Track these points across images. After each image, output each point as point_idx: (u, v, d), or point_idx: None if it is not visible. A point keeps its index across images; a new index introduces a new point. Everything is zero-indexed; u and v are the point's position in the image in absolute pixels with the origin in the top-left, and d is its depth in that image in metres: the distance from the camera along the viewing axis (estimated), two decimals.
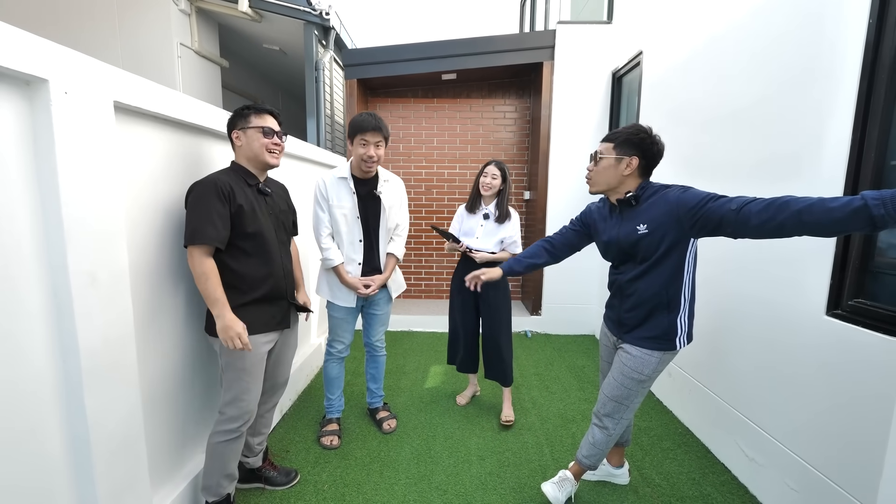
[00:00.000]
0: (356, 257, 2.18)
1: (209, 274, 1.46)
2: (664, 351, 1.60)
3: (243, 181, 1.59)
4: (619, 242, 1.62)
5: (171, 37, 3.93)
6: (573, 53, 3.84)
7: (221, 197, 1.47)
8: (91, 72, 1.17)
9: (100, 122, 1.20)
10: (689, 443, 2.34)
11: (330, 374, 2.35)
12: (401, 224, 2.31)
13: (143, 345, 1.44)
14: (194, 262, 1.45)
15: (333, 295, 2.22)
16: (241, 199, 1.53)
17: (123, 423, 1.32)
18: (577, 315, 4.10)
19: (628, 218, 1.59)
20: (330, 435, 2.28)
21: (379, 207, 2.19)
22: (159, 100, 1.44)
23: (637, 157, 1.55)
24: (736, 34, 2.17)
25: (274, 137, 1.61)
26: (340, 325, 2.27)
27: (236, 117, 1.60)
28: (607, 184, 1.62)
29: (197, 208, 1.45)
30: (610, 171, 1.59)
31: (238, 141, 1.60)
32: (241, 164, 1.63)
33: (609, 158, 1.59)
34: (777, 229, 1.18)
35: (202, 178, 1.51)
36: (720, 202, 1.33)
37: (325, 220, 2.14)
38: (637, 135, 1.55)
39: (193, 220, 1.44)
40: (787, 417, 1.77)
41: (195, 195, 1.47)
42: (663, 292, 1.55)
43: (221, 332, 1.47)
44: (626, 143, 1.56)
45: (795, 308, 1.73)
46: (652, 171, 1.60)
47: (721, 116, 2.26)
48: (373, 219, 2.19)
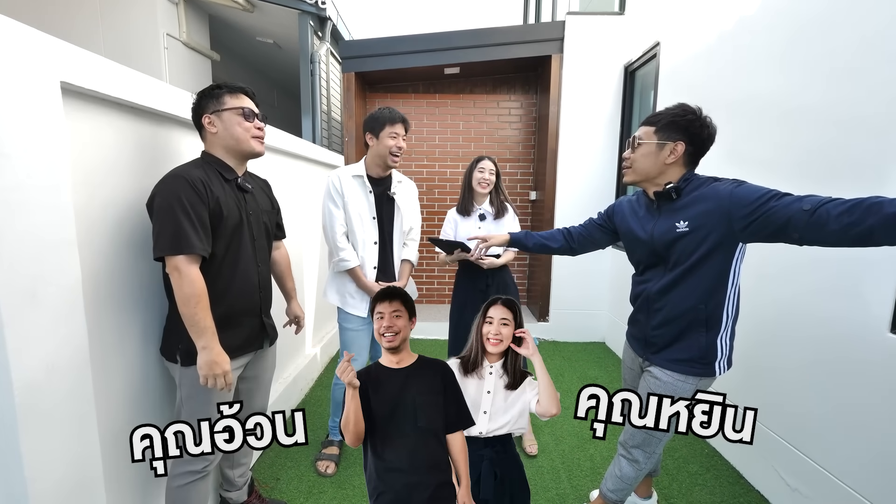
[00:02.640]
0: (371, 261, 1.99)
1: (201, 296, 1.20)
2: (700, 377, 1.38)
3: (219, 176, 1.33)
4: (653, 241, 1.39)
5: (158, 27, 3.71)
6: (583, 46, 3.63)
7: (198, 195, 1.22)
8: (31, 46, 0.96)
9: (42, 107, 0.99)
10: (717, 466, 2.14)
11: (338, 398, 2.12)
12: (414, 228, 2.15)
13: (101, 373, 1.22)
14: (182, 279, 1.18)
15: (345, 302, 2.01)
16: (217, 197, 1.28)
17: (76, 466, 1.11)
18: (587, 321, 3.90)
19: (666, 213, 1.37)
20: (326, 459, 2.06)
21: (394, 209, 2.03)
22: (119, 82, 1.23)
23: (683, 142, 1.32)
24: (769, 17, 1.96)
25: (255, 120, 1.37)
26: (356, 340, 2.04)
27: (206, 99, 1.32)
28: (646, 173, 1.39)
29: (171, 211, 1.18)
30: (650, 158, 1.36)
31: (211, 127, 1.33)
32: (217, 154, 1.36)
33: (649, 144, 1.36)
34: (864, 236, 0.97)
35: (168, 175, 1.25)
36: (786, 201, 1.12)
37: (340, 218, 1.95)
38: (684, 116, 1.32)
39: (168, 224, 1.18)
40: (842, 447, 1.57)
41: (165, 195, 1.21)
42: (701, 306, 1.33)
43: (205, 368, 1.23)
44: (670, 127, 1.33)
45: (853, 323, 1.53)
46: (699, 159, 1.38)
47: (753, 109, 2.06)
48: (388, 220, 2.03)
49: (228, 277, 1.35)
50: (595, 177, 3.75)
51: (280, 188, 2.47)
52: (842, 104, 1.59)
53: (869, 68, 1.49)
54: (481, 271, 2.12)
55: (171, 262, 1.19)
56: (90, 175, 1.18)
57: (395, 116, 1.95)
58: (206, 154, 1.37)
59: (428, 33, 3.81)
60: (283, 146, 2.45)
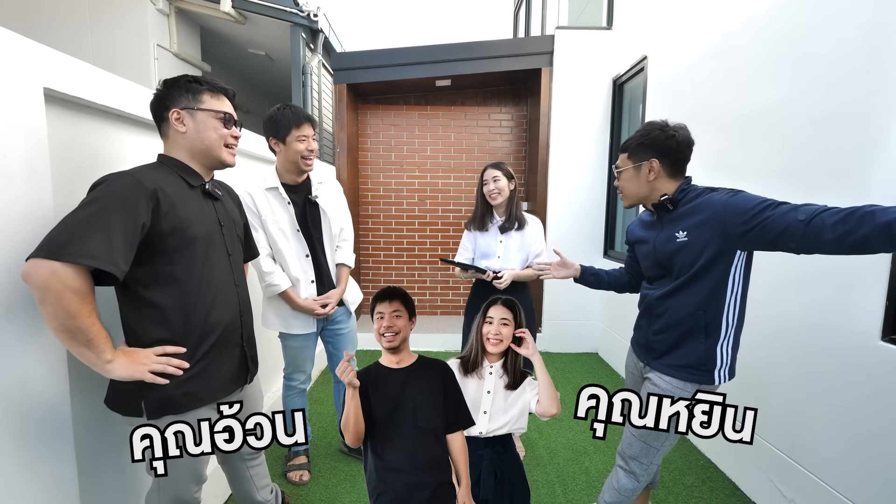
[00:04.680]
0: (307, 275, 1.88)
1: (86, 296, 0.95)
2: (699, 384, 1.38)
3: (182, 182, 1.14)
4: (656, 252, 1.42)
5: (148, 38, 3.70)
6: (573, 59, 3.69)
7: (143, 207, 1.00)
8: (13, 51, 0.94)
9: (24, 113, 0.96)
10: (713, 478, 2.12)
11: (293, 408, 2.05)
12: (345, 228, 2.02)
13: (82, 389, 1.16)
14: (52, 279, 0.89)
15: (287, 325, 1.90)
16: (180, 206, 1.10)
17: (51, 489, 1.05)
18: (579, 331, 3.89)
19: (667, 224, 1.40)
20: (298, 469, 2.01)
21: (319, 214, 1.90)
22: (104, 89, 1.20)
23: (656, 158, 1.37)
24: (754, 31, 2.01)
25: (234, 128, 1.21)
26: (299, 356, 1.98)
27: (178, 90, 1.13)
28: (637, 195, 1.44)
29: (94, 209, 0.95)
30: (633, 181, 1.43)
31: (179, 125, 1.13)
32: (178, 157, 1.16)
33: (628, 170, 1.43)
34: (859, 245, 0.98)
35: (120, 172, 1.05)
36: (781, 210, 1.12)
37: (262, 239, 1.77)
38: (648, 135, 1.38)
39: (76, 224, 0.93)
40: (838, 456, 1.56)
41: (103, 191, 0.98)
42: (700, 313, 1.33)
43: (132, 372, 1.02)
44: (640, 148, 1.40)
45: (843, 332, 1.54)
46: (684, 167, 1.41)
47: (740, 119, 2.09)
48: (315, 228, 1.90)
49: (203, 302, 1.15)
50: (585, 188, 3.79)
51: None
52: (827, 115, 1.63)
53: (852, 80, 1.53)
54: (497, 289, 2.01)
55: (42, 264, 0.89)
56: (72, 182, 1.14)
57: (300, 117, 1.75)
58: (165, 157, 1.17)
59: (420, 46, 3.84)
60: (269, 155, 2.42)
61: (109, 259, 0.94)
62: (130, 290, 1.07)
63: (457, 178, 4.44)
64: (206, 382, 1.16)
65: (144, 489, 1.41)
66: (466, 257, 2.16)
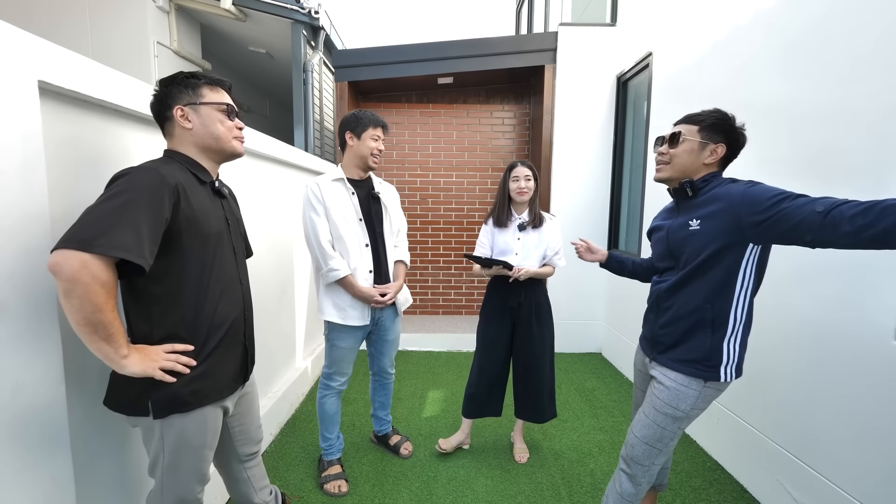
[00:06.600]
0: (366, 265, 1.90)
1: (112, 289, 0.93)
2: (705, 381, 1.34)
3: (194, 178, 1.14)
4: (668, 238, 1.40)
5: (148, 35, 3.67)
6: (576, 56, 3.66)
7: (167, 202, 1.00)
8: (7, 42, 0.91)
9: (18, 106, 0.93)
10: (721, 480, 2.09)
11: (329, 411, 2.03)
12: (402, 229, 2.11)
13: (78, 391, 1.14)
14: (82, 271, 0.88)
15: (345, 315, 1.88)
16: (195, 203, 1.10)
17: (47, 496, 1.02)
18: (582, 330, 3.85)
19: (684, 212, 1.38)
20: (335, 479, 1.96)
21: (381, 208, 1.97)
22: (101, 83, 1.17)
23: (724, 144, 1.34)
24: (764, 25, 1.98)
25: (235, 119, 1.22)
26: (346, 357, 1.96)
27: (177, 87, 1.13)
28: (683, 170, 1.38)
29: (122, 201, 0.94)
30: (692, 156, 1.36)
31: (185, 122, 1.13)
32: (187, 153, 1.16)
33: (692, 142, 1.35)
34: (878, 238, 0.94)
35: (141, 165, 1.05)
36: (799, 202, 1.09)
37: (323, 227, 1.83)
38: (726, 121, 1.34)
39: (104, 216, 0.92)
40: (850, 458, 1.53)
41: (128, 183, 0.97)
42: (707, 307, 1.31)
43: (145, 368, 1.00)
44: (714, 128, 1.34)
45: (857, 331, 1.50)
46: (727, 165, 1.39)
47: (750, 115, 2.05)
48: (377, 221, 1.96)
49: (212, 299, 1.15)
50: (589, 186, 3.75)
51: (272, 197, 2.42)
52: (836, 111, 1.59)
53: (863, 76, 1.49)
54: (514, 288, 2.04)
55: (72, 255, 0.87)
56: (67, 178, 1.11)
57: (379, 120, 1.90)
58: (174, 153, 1.16)
59: (421, 43, 3.81)
60: (275, 154, 2.39)
61: (139, 251, 0.93)
62: (140, 284, 1.05)
63: (459, 176, 4.41)
64: (212, 380, 1.15)
65: (144, 491, 1.39)
66: (484, 254, 2.15)
